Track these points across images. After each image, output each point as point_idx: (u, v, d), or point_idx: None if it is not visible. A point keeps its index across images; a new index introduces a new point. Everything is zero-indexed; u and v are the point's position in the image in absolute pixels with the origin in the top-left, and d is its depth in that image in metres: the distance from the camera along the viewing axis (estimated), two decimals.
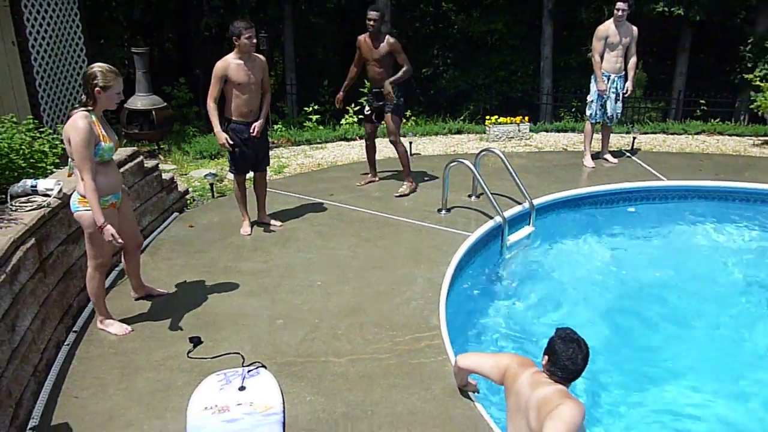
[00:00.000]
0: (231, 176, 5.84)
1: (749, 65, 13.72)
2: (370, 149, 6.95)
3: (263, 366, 3.69)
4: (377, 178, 7.07)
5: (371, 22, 6.20)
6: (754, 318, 4.92)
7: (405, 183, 6.72)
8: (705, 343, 4.60)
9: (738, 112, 13.78)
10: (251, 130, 5.30)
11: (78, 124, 3.54)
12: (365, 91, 6.61)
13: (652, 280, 5.43)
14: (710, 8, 14.05)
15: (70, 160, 3.73)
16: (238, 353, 3.84)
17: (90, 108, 3.66)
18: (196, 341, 3.97)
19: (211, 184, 6.61)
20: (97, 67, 3.66)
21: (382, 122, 6.59)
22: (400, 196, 6.57)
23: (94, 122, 3.64)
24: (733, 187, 7.04)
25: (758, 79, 10.41)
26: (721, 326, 4.79)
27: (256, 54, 5.30)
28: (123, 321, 4.17)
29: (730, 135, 9.63)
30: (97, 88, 3.61)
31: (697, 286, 5.35)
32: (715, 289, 5.30)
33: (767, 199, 6.90)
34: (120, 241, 3.68)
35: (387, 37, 6.29)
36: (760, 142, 9.16)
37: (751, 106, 9.51)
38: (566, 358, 2.85)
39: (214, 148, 8.19)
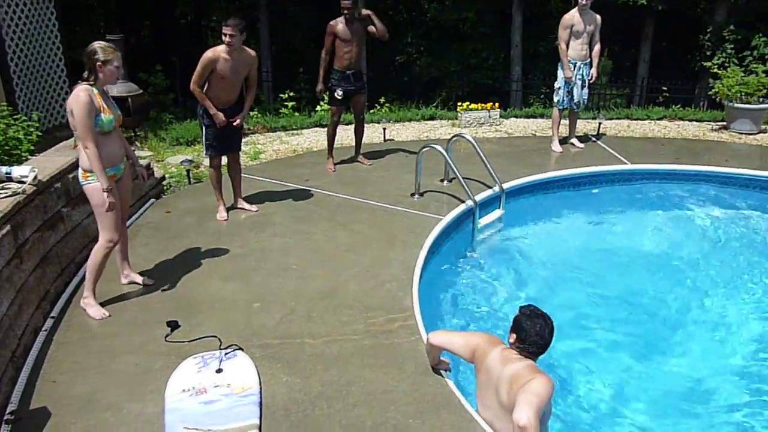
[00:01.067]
0: (207, 162, 5.86)
1: (708, 53, 14.05)
2: (335, 133, 7.04)
3: (240, 348, 3.76)
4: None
5: (346, 11, 6.30)
6: (715, 292, 5.15)
7: (363, 158, 7.26)
8: (668, 318, 4.80)
9: (698, 98, 14.11)
10: (233, 121, 5.40)
11: (80, 95, 3.78)
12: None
13: (617, 259, 5.63)
14: None
15: (74, 131, 3.91)
16: (215, 336, 3.90)
17: (92, 83, 3.88)
18: (173, 325, 4.02)
19: (188, 170, 6.62)
20: (96, 44, 3.92)
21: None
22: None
23: (95, 95, 3.86)
24: (692, 170, 7.29)
25: (716, 66, 10.71)
26: (685, 301, 5.01)
27: (247, 49, 5.35)
28: (102, 305, 4.21)
29: (690, 120, 9.92)
30: (98, 63, 3.85)
31: (659, 263, 5.57)
32: (675, 266, 5.53)
33: (725, 181, 7.17)
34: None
35: (361, 13, 6.44)
36: (717, 127, 9.45)
37: (710, 93, 9.77)
38: (534, 333, 2.98)
39: (190, 135, 8.18)
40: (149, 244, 5.21)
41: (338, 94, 6.67)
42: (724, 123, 9.44)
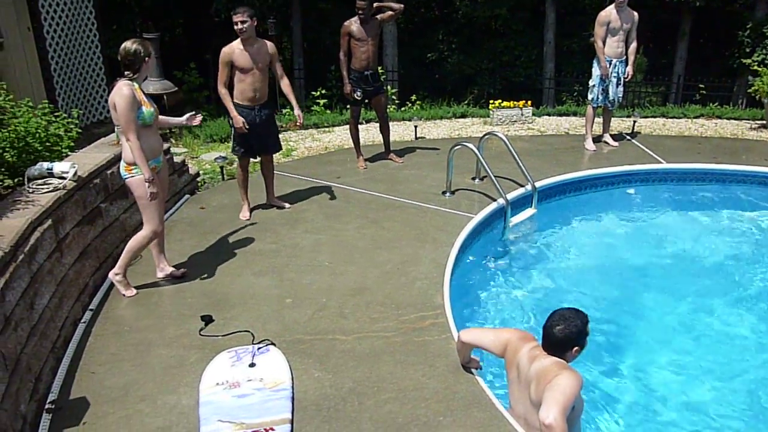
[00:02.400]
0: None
1: (747, 50, 13.72)
2: (357, 131, 7.08)
3: (272, 343, 3.81)
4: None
5: (361, 11, 6.34)
6: (755, 298, 5.02)
7: (394, 155, 7.29)
8: (704, 321, 4.70)
9: (736, 96, 13.80)
10: (266, 116, 5.50)
11: (123, 90, 3.93)
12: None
13: (652, 260, 5.53)
14: None
15: (116, 126, 4.08)
16: (249, 331, 3.95)
17: (134, 78, 4.05)
18: (207, 319, 4.09)
19: (222, 167, 6.71)
20: (132, 42, 4.08)
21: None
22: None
23: (136, 89, 4.02)
24: (730, 169, 7.13)
25: (756, 63, 10.45)
26: (720, 303, 4.89)
27: (262, 39, 5.37)
28: (138, 298, 4.35)
29: (728, 119, 9.68)
30: (146, 58, 4.06)
31: (697, 266, 5.46)
32: (713, 269, 5.41)
33: (764, 181, 6.99)
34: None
35: (375, 18, 6.49)
36: (757, 125, 9.22)
37: (749, 91, 9.54)
38: (559, 331, 2.96)
39: (224, 132, 8.29)
40: (183, 239, 5.30)
41: (357, 95, 6.71)
42: (764, 122, 9.21)
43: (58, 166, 4.18)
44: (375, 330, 4.03)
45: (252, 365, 3.58)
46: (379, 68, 7.09)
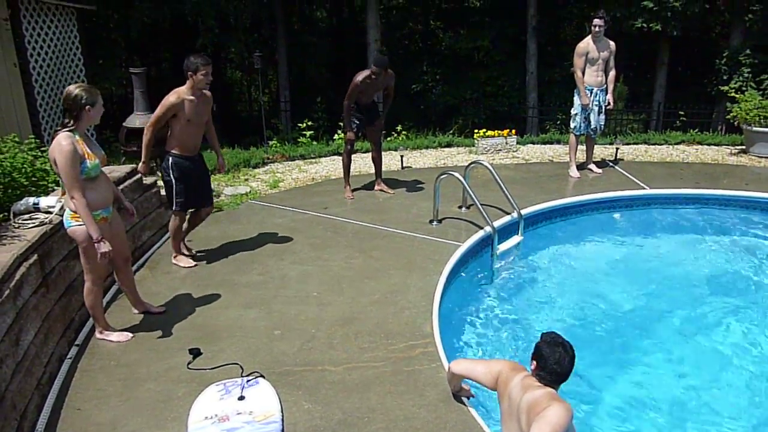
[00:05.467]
0: (227, 192, 5.91)
1: (725, 77, 14.10)
2: (350, 161, 7.20)
3: (262, 375, 3.76)
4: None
5: (374, 76, 6.55)
6: (741, 316, 5.08)
7: (385, 186, 7.35)
8: (688, 344, 4.73)
9: (716, 122, 14.11)
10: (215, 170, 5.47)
11: (62, 144, 3.63)
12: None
13: (638, 286, 5.57)
14: (687, 24, 14.45)
15: (60, 180, 3.82)
16: (237, 363, 3.92)
17: (73, 128, 3.75)
18: (195, 352, 4.06)
19: None
20: (77, 88, 3.78)
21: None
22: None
23: (77, 141, 3.72)
24: (712, 194, 7.25)
25: (733, 90, 10.73)
26: (705, 327, 4.93)
27: (205, 90, 5.13)
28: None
29: (708, 144, 9.89)
30: (87, 107, 3.74)
31: (682, 290, 5.51)
32: (698, 293, 5.46)
33: (744, 205, 7.11)
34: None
35: (389, 71, 6.73)
36: (736, 151, 9.41)
37: (728, 117, 9.77)
38: (553, 362, 2.95)
39: (211, 165, 8.29)
40: (170, 272, 5.27)
41: (348, 136, 6.85)
42: (743, 147, 9.39)
43: (45, 201, 4.17)
44: (364, 360, 4.01)
45: (241, 398, 3.52)
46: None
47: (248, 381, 3.68)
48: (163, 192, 6.08)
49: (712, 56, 15.04)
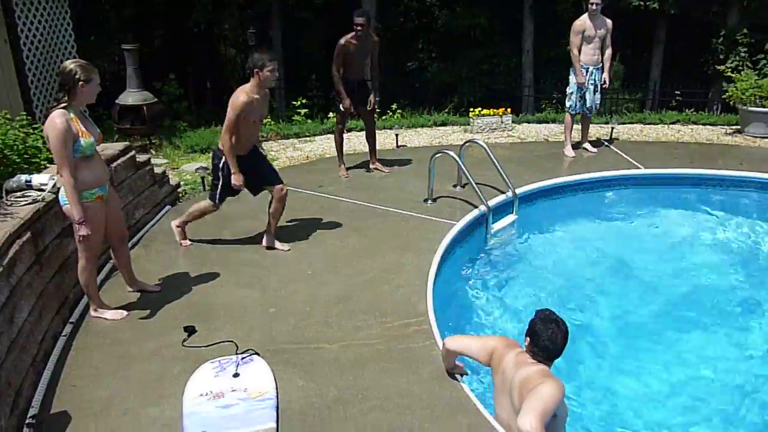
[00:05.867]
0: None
1: (721, 57, 14.02)
2: (342, 140, 7.14)
3: (256, 353, 3.79)
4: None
5: (359, 28, 6.39)
6: (733, 297, 5.11)
7: (380, 164, 7.27)
8: (680, 324, 4.77)
9: (711, 102, 14.07)
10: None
11: (56, 122, 3.58)
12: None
13: (631, 264, 5.60)
14: (684, 2, 14.34)
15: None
16: (232, 341, 3.93)
17: (66, 105, 3.69)
18: (190, 330, 4.07)
19: (202, 178, 6.65)
20: (73, 63, 3.73)
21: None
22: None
23: (72, 119, 3.68)
24: (706, 174, 7.26)
25: (730, 70, 10.68)
26: (700, 308, 4.97)
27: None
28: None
29: (704, 124, 9.88)
30: (80, 83, 3.68)
31: (675, 269, 5.54)
32: (691, 273, 5.49)
33: (739, 185, 7.13)
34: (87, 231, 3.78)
35: (374, 37, 6.60)
36: (732, 131, 9.40)
37: (723, 96, 9.75)
38: (546, 338, 2.98)
39: (205, 142, 8.27)
40: (165, 250, 5.26)
41: (344, 104, 6.74)
42: (739, 127, 9.39)
43: (37, 178, 4.14)
44: (359, 338, 4.03)
45: (236, 375, 3.56)
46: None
47: (243, 358, 3.71)
48: (157, 170, 6.07)
49: (710, 35, 14.94)
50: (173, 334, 4.05)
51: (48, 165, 4.71)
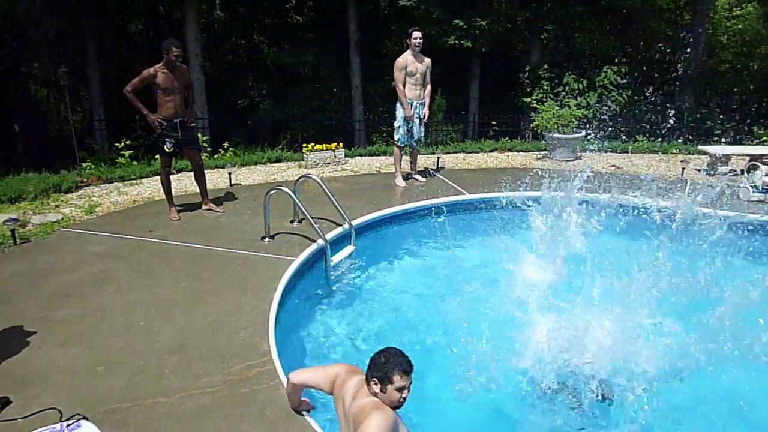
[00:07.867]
0: (35, 220, 5.38)
1: (528, 90, 15.59)
2: (169, 181, 6.88)
3: (84, 417, 3.48)
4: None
5: (174, 57, 6.33)
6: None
7: (213, 204, 7.19)
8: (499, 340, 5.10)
9: (523, 131, 15.55)
10: None
11: None
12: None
13: (463, 284, 5.90)
14: (493, 41, 15.79)
15: None
16: (55, 408, 3.58)
17: None
18: (4, 402, 3.64)
19: (13, 230, 6.04)
20: None
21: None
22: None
23: None
24: (526, 195, 7.89)
25: (535, 101, 11.92)
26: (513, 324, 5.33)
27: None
28: None
29: (518, 151, 10.88)
30: None
31: (505, 288, 5.93)
32: (514, 286, 5.90)
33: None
34: None
35: (183, 66, 6.61)
36: (541, 156, 10.43)
37: (532, 125, 10.83)
38: (381, 364, 3.05)
39: (14, 191, 7.50)
40: None
41: (168, 147, 6.53)
42: (547, 152, 10.42)
43: None
44: (199, 387, 3.85)
45: None
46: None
47: (69, 425, 3.39)
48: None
49: (517, 71, 16.55)
50: None
51: None
